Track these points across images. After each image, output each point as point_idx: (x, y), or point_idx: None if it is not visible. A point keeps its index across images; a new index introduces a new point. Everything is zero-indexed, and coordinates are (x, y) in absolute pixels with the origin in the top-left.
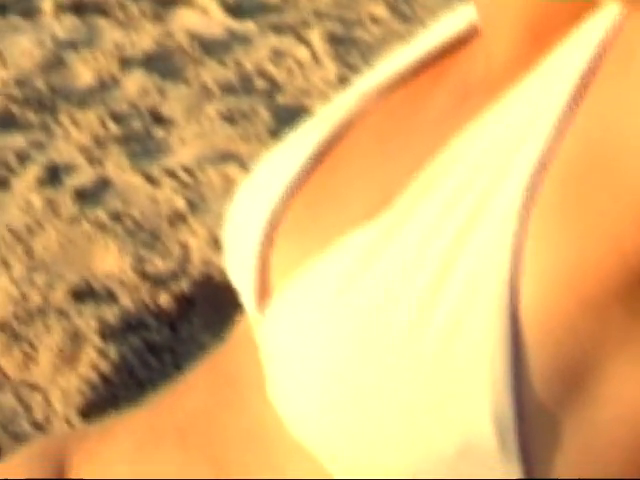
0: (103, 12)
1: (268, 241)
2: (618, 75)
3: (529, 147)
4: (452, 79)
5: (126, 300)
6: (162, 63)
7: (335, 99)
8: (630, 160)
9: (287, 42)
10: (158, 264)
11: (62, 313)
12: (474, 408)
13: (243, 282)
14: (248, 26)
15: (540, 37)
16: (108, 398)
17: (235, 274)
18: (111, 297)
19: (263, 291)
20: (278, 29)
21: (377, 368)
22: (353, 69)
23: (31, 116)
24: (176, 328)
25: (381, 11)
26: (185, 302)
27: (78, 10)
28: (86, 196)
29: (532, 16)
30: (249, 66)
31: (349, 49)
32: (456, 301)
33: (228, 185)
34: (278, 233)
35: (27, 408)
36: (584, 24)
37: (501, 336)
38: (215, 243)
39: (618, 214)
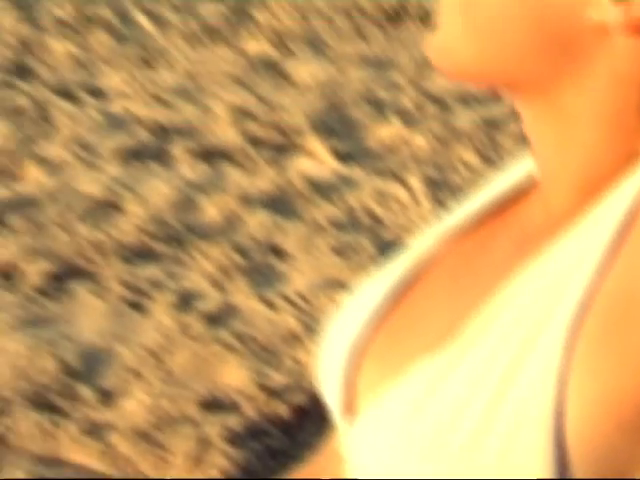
0: (228, 158)
1: (354, 364)
2: None
3: (575, 287)
4: (513, 226)
5: (249, 410)
6: (280, 203)
7: (415, 241)
8: None
9: (389, 184)
10: (276, 379)
11: (192, 421)
12: None
13: (333, 399)
14: (355, 170)
15: (591, 190)
16: None
17: (326, 391)
18: (235, 407)
19: (350, 407)
20: (381, 173)
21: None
22: (447, 208)
23: (165, 249)
24: (293, 435)
25: (471, 157)
26: (300, 412)
27: (206, 156)
28: (213, 319)
29: (587, 172)
30: (356, 205)
31: (443, 190)
32: (508, 426)
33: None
34: (363, 358)
35: None
36: (625, 178)
37: (549, 458)
38: None
39: None
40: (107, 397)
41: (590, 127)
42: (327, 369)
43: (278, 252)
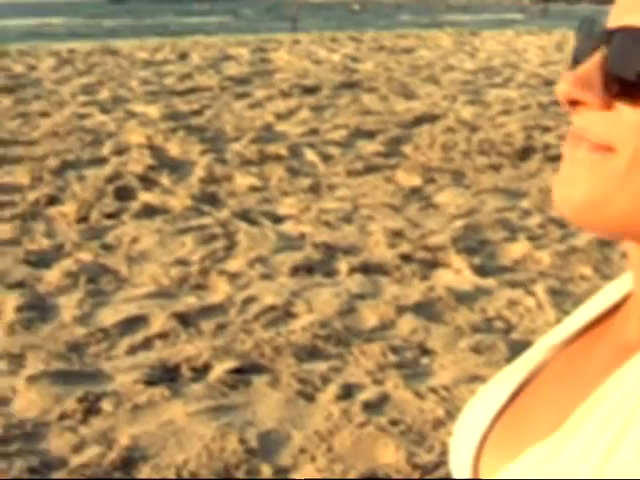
0: (384, 272)
1: (479, 450)
2: None
3: None
4: (612, 337)
5: None
6: (427, 310)
7: (528, 350)
8: None
9: (518, 294)
10: (425, 457)
11: None
12: None
13: (462, 477)
14: (490, 282)
15: None
16: None
17: (457, 472)
18: None
19: None
20: (512, 284)
21: None
22: (568, 314)
23: (331, 348)
24: None
25: (588, 271)
26: None
27: (365, 271)
28: (371, 407)
29: None
30: (491, 312)
31: (565, 299)
32: None
33: None
34: (486, 445)
35: None
36: None
37: None
38: None
39: None
40: (283, 473)
41: None
42: (457, 454)
43: (426, 351)
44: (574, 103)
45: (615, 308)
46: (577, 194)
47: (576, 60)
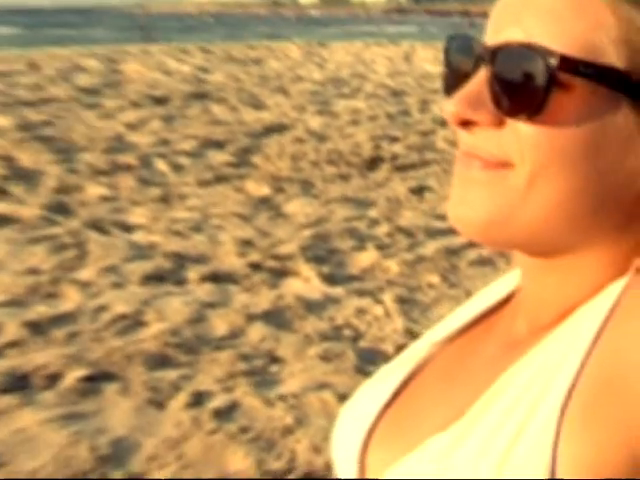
0: (233, 281)
1: (365, 447)
2: (624, 323)
3: (562, 375)
4: (499, 331)
5: None
6: (276, 318)
7: (411, 346)
8: (636, 383)
9: (367, 302)
10: (274, 464)
11: None
12: None
13: (348, 476)
14: (338, 291)
15: (573, 308)
16: None
17: (342, 471)
18: None
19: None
20: (360, 292)
21: None
22: (415, 322)
23: (181, 356)
24: None
25: (436, 279)
26: None
27: (215, 279)
28: (221, 415)
29: (574, 298)
30: (339, 320)
31: (412, 307)
32: None
33: (325, 407)
34: (372, 442)
35: None
36: (602, 292)
37: None
38: (315, 449)
39: (628, 422)
40: (134, 479)
41: (587, 269)
42: (341, 451)
43: (275, 359)
44: (465, 123)
45: (499, 305)
46: (477, 214)
47: (455, 78)
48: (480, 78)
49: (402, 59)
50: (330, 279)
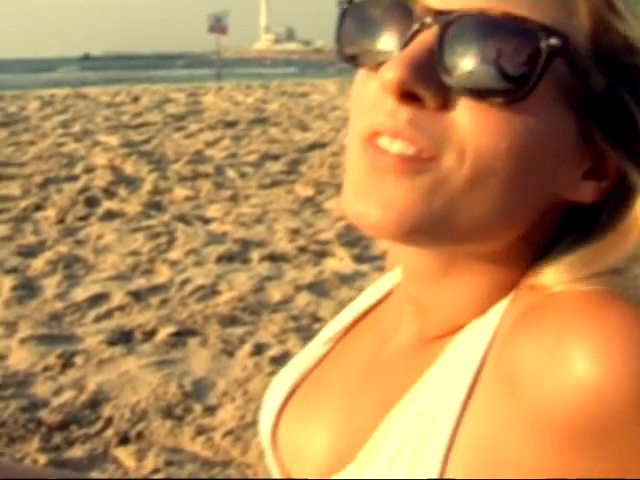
0: (286, 260)
1: (276, 424)
2: (506, 344)
3: (444, 418)
4: (383, 331)
5: None
6: (318, 288)
7: (309, 346)
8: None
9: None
10: None
11: None
12: None
13: (266, 445)
14: (365, 268)
15: (461, 322)
16: None
17: (264, 437)
18: None
19: (275, 451)
20: (381, 268)
21: None
22: None
23: (246, 317)
24: None
25: None
26: None
27: (272, 259)
28: (276, 361)
29: (464, 310)
30: (366, 289)
31: None
32: None
33: None
34: (281, 422)
35: None
36: (491, 310)
37: None
38: None
39: None
40: (210, 410)
41: (483, 283)
42: (263, 423)
43: (317, 319)
44: (406, 96)
45: (378, 303)
46: (393, 215)
47: (365, 38)
48: (425, 45)
49: None
50: (359, 258)
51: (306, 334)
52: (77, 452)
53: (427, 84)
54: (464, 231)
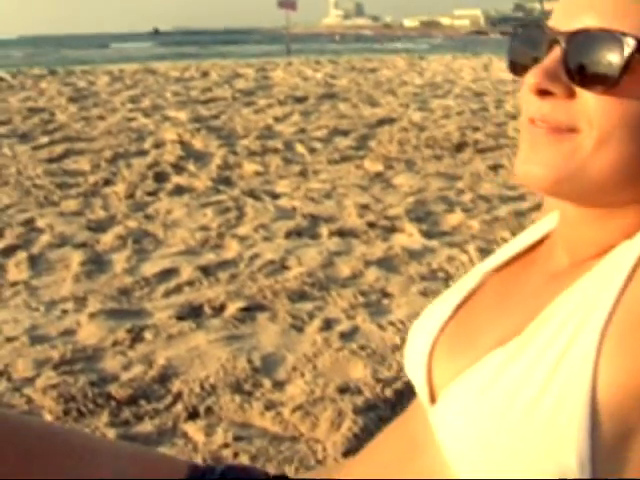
0: (355, 235)
1: (430, 357)
2: None
3: (601, 305)
4: (540, 263)
5: (367, 393)
6: (387, 263)
7: (465, 275)
8: None
9: (455, 252)
10: (386, 373)
11: (332, 400)
12: (566, 451)
13: (418, 381)
14: (434, 243)
15: (611, 247)
16: None
17: (413, 376)
18: (360, 391)
19: (430, 389)
20: (450, 244)
21: (510, 433)
22: None
23: (316, 292)
24: (395, 409)
25: (507, 235)
26: (400, 394)
27: (341, 234)
28: (346, 336)
29: (612, 238)
30: (434, 265)
31: (490, 256)
32: (559, 392)
33: None
34: (435, 353)
35: None
36: (638, 234)
37: (585, 411)
38: None
39: None
40: (279, 385)
41: (628, 216)
42: (412, 361)
43: (386, 294)
44: (542, 93)
45: (537, 244)
46: (545, 171)
47: (525, 58)
48: (555, 56)
49: (482, 69)
50: (428, 234)
51: (375, 309)
52: (146, 427)
53: (556, 82)
54: (598, 182)
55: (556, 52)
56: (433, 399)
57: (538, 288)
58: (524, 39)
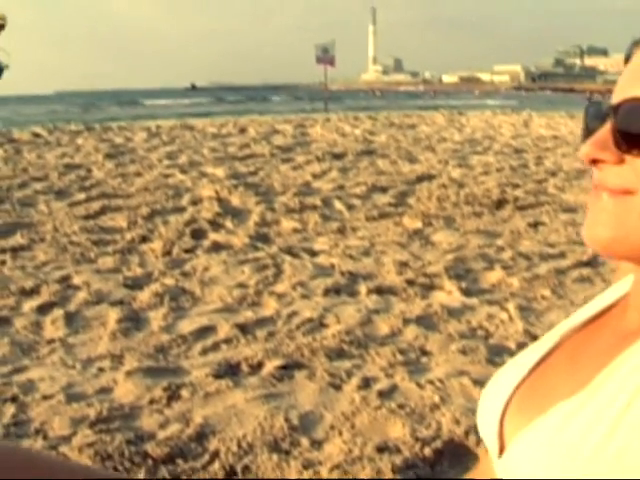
0: (394, 293)
1: (503, 414)
2: None
3: None
4: (612, 325)
5: (406, 452)
6: (426, 321)
7: (545, 336)
8: None
9: (495, 309)
10: (425, 432)
11: (371, 459)
12: None
13: (489, 437)
14: (473, 301)
15: None
16: None
17: (485, 433)
18: (398, 450)
19: (501, 443)
20: (490, 302)
21: (577, 476)
22: (532, 325)
23: (354, 350)
24: (434, 468)
25: (548, 293)
26: (439, 454)
27: (379, 291)
28: (384, 395)
29: None
30: (474, 323)
31: (530, 314)
32: (624, 440)
33: (464, 390)
34: (509, 409)
35: None
36: None
37: None
38: (456, 421)
39: None
40: (317, 444)
41: None
42: (485, 418)
43: (425, 352)
44: (594, 161)
45: (612, 306)
46: (604, 233)
47: (588, 131)
48: (606, 127)
49: (522, 125)
50: (467, 292)
51: (414, 367)
52: None
53: (606, 151)
54: None
55: (607, 124)
56: (502, 450)
57: (608, 347)
58: (591, 115)
